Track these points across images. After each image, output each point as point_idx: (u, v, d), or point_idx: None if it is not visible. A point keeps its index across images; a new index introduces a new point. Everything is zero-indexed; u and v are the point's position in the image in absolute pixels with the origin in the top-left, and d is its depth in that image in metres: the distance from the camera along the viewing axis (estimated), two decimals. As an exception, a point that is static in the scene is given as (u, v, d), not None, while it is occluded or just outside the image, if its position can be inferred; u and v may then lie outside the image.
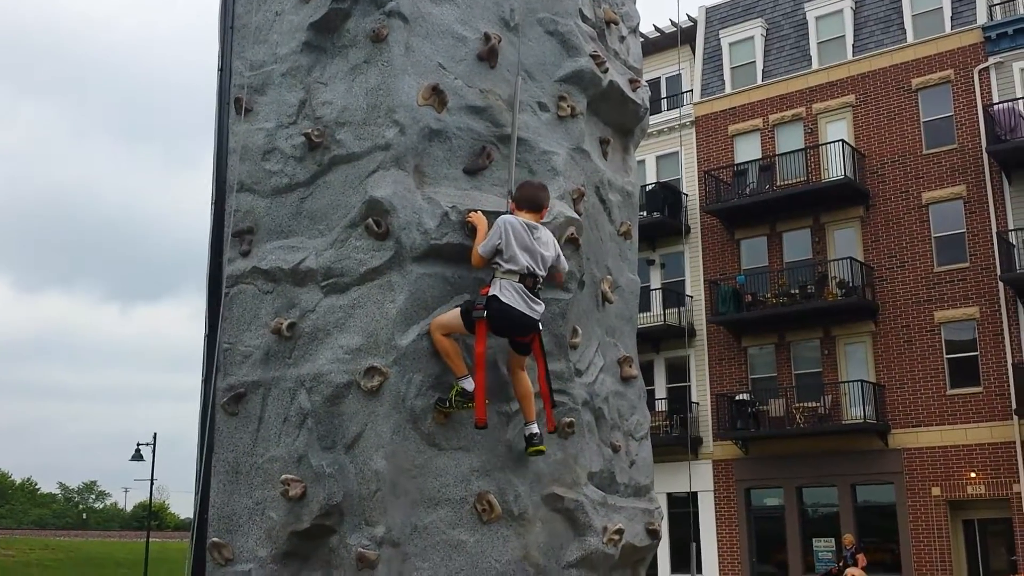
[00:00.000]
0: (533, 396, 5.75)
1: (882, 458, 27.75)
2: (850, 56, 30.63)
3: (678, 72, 33.78)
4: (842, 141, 29.37)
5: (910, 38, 29.68)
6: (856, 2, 31.31)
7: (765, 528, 30.07)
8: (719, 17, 34.03)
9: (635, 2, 7.98)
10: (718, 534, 30.20)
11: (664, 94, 34.33)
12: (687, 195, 32.66)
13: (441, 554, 5.58)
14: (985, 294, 27.12)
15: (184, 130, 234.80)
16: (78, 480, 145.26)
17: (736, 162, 31.78)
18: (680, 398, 31.69)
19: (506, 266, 5.50)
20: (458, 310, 5.61)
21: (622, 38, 7.55)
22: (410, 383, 5.62)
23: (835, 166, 29.40)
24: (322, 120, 6.18)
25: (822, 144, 30.09)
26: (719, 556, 30.05)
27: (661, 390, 31.99)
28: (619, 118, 7.30)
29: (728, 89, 32.75)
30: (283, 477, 5.77)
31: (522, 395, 5.73)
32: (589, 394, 6.46)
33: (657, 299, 32.07)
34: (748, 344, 30.82)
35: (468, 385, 5.55)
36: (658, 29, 34.11)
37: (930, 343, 27.68)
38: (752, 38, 32.77)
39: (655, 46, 33.09)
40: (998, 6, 28.89)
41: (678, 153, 33.35)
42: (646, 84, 7.67)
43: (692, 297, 32.02)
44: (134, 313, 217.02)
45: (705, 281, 31.60)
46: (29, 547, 47.75)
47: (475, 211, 5.83)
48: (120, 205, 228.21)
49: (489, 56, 6.27)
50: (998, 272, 26.63)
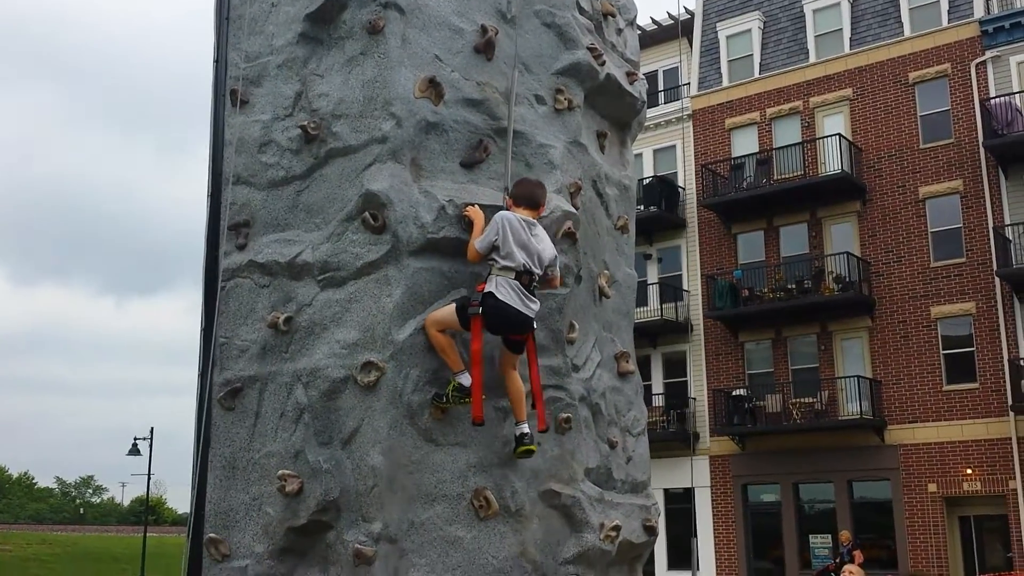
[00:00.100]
0: (524, 396, 5.72)
1: (878, 454, 27.76)
2: (847, 50, 30.59)
3: (675, 65, 33.71)
4: (839, 135, 29.34)
5: (907, 32, 29.65)
6: (853, -4, 31.31)
7: (762, 524, 30.09)
8: (716, 10, 33.97)
9: (632, -5, 7.95)
10: (715, 530, 30.20)
11: (661, 87, 34.27)
12: (684, 189, 32.63)
13: (438, 550, 5.56)
14: (981, 289, 27.11)
15: (181, 121, 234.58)
16: (75, 475, 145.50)
17: (733, 156, 31.76)
18: (677, 393, 31.68)
19: (502, 262, 5.46)
20: (453, 306, 5.57)
21: (619, 31, 7.52)
22: (407, 378, 5.60)
23: (832, 160, 29.37)
24: (318, 112, 6.14)
25: (819, 138, 30.08)
26: (716, 552, 30.06)
27: (658, 385, 31.97)
28: (616, 111, 7.27)
29: (725, 82, 32.70)
30: (280, 473, 5.75)
31: (514, 395, 5.69)
32: (586, 389, 6.43)
33: (654, 294, 32.04)
34: (745, 339, 30.81)
35: (465, 380, 5.51)
36: (655, 22, 34.06)
37: (926, 338, 27.68)
38: (749, 31, 32.71)
39: (652, 39, 33.01)
40: (995, 0, 28.88)
41: (675, 147, 33.31)
42: (643, 77, 7.64)
43: (689, 292, 32.01)
44: (130, 306, 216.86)
45: (702, 276, 31.58)
46: (26, 542, 47.69)
47: (472, 205, 5.79)
48: (116, 197, 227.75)
49: (486, 48, 6.23)
50: (994, 267, 26.62)
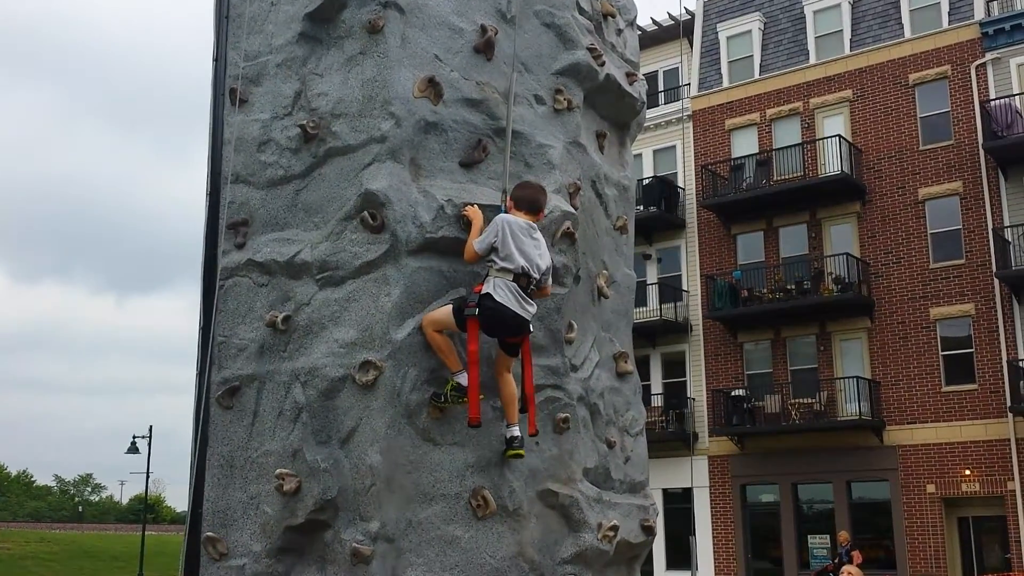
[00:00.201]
0: (517, 399, 5.71)
1: (877, 455, 27.76)
2: (847, 51, 30.58)
3: (676, 66, 33.70)
4: (839, 136, 29.34)
5: (907, 33, 29.64)
6: (854, -3, 31.31)
7: (760, 524, 30.09)
8: (717, 11, 33.95)
9: (632, -5, 7.94)
10: (713, 530, 30.20)
11: (661, 87, 34.26)
12: (683, 189, 32.61)
13: (436, 550, 5.55)
14: (981, 291, 27.11)
15: (180, 120, 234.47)
16: (74, 473, 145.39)
17: (733, 156, 31.75)
18: (676, 393, 31.67)
19: (501, 264, 5.45)
20: (450, 307, 5.56)
21: (619, 31, 7.51)
22: (405, 377, 5.59)
23: (832, 161, 29.37)
24: (317, 112, 6.14)
25: (819, 139, 30.07)
26: (714, 552, 30.06)
27: (657, 385, 31.97)
28: (616, 112, 7.26)
29: (725, 83, 32.69)
30: (278, 471, 5.75)
31: (506, 397, 5.67)
32: (584, 390, 6.42)
33: (653, 294, 32.04)
34: (744, 340, 30.81)
35: (463, 380, 5.51)
36: (655, 22, 34.05)
37: (926, 340, 27.68)
38: (750, 32, 32.70)
39: (652, 39, 33.01)
40: (995, 2, 28.85)
41: (675, 147, 33.30)
42: (643, 78, 7.63)
43: (688, 292, 32.00)
44: (129, 305, 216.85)
45: (702, 276, 31.57)
46: (25, 540, 47.72)
47: (471, 205, 5.79)
48: (116, 195, 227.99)
49: (485, 48, 6.22)
50: (994, 269, 26.62)
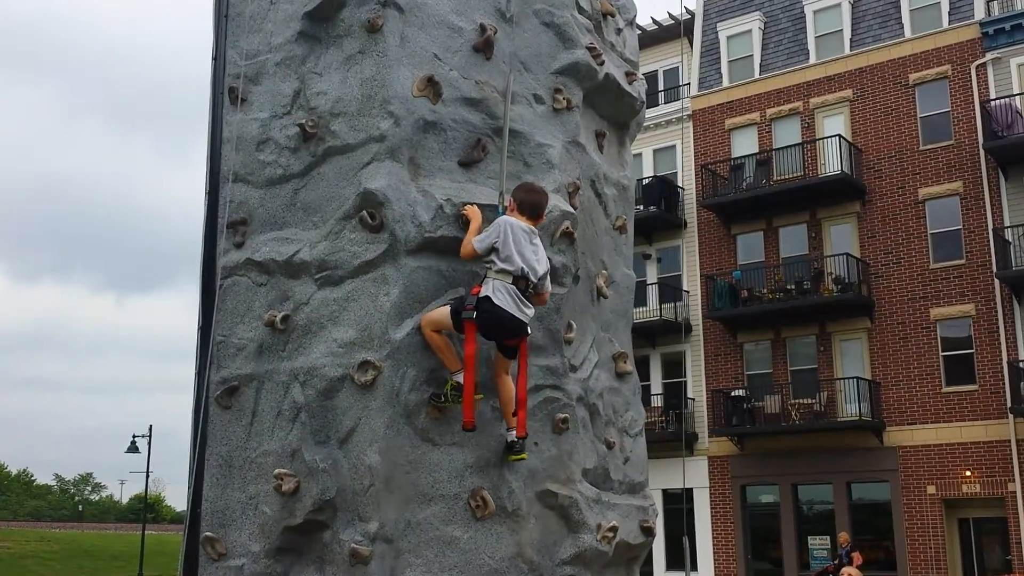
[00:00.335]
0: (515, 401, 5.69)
1: (877, 456, 27.75)
2: (847, 51, 30.58)
3: (676, 65, 33.71)
4: (839, 136, 29.33)
5: (907, 33, 29.64)
6: (854, -3, 31.31)
7: (760, 525, 30.09)
8: (717, 10, 33.95)
9: (632, -6, 7.92)
10: (713, 531, 30.20)
11: (661, 87, 34.25)
12: (683, 189, 32.60)
13: (434, 550, 5.54)
14: (981, 291, 27.11)
15: (180, 119, 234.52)
16: (74, 472, 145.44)
17: (733, 156, 31.74)
18: (676, 394, 31.66)
19: (501, 265, 5.42)
20: (448, 308, 5.54)
21: (618, 30, 7.50)
22: (404, 377, 5.58)
23: (832, 161, 29.37)
24: (316, 111, 6.12)
25: (819, 139, 30.06)
26: (714, 553, 30.06)
27: (657, 386, 31.96)
28: (615, 111, 7.25)
29: (725, 83, 32.69)
30: (276, 472, 5.73)
31: (504, 399, 5.65)
32: (583, 390, 6.41)
33: (653, 294, 32.04)
34: (744, 340, 30.80)
35: (463, 379, 5.49)
36: (655, 22, 34.05)
37: (926, 340, 27.67)
38: (750, 31, 32.70)
39: (652, 39, 33.01)
40: (995, 2, 28.85)
41: (675, 147, 33.30)
42: (642, 77, 7.62)
43: (688, 292, 31.98)
44: (129, 304, 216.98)
45: (701, 276, 31.56)
46: (25, 539, 47.76)
47: (470, 204, 5.77)
48: (116, 194, 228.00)
49: (485, 47, 6.21)
50: (994, 269, 26.62)
